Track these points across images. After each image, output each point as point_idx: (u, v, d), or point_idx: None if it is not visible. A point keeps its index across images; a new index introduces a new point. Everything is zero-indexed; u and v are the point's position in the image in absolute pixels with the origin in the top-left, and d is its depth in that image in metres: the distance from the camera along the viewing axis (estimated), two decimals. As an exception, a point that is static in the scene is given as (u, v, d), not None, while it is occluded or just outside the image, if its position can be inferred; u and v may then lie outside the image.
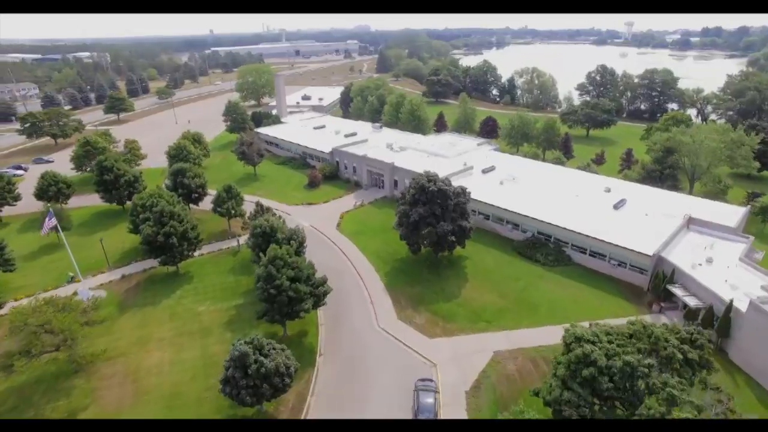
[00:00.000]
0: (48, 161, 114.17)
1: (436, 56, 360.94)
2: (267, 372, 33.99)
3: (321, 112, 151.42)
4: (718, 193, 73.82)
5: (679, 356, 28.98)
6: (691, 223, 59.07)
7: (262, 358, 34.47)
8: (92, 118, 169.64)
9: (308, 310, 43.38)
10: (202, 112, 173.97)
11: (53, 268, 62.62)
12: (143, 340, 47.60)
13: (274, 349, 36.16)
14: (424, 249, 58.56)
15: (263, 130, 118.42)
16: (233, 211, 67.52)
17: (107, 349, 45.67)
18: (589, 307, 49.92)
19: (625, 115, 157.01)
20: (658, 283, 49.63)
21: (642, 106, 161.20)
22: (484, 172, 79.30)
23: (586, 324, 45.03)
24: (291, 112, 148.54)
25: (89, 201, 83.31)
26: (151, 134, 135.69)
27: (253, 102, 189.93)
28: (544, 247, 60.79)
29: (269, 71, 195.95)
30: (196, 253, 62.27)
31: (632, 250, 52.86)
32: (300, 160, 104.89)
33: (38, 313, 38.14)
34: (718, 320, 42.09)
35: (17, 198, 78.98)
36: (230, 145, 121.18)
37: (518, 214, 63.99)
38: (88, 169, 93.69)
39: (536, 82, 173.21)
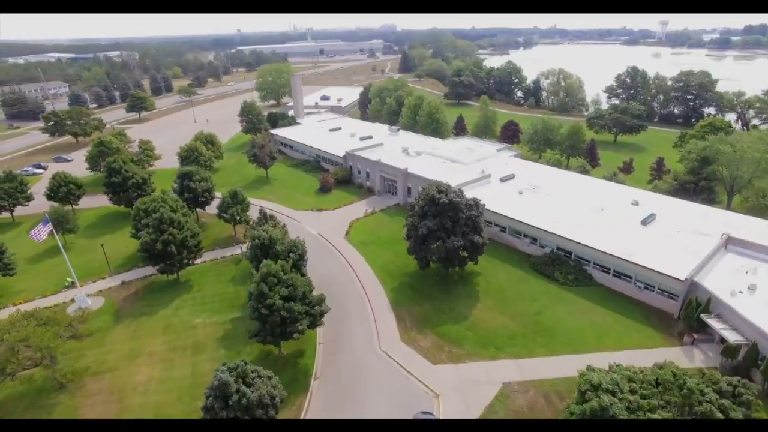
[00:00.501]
0: (67, 160, 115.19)
1: (460, 56, 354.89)
2: (249, 403, 31.19)
3: (339, 114, 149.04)
4: (762, 209, 67.61)
5: (719, 414, 24.62)
6: (730, 243, 53.48)
7: (245, 388, 31.68)
8: (115, 116, 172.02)
9: (303, 331, 40.47)
10: (222, 112, 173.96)
11: (56, 272, 61.67)
12: (134, 354, 45.63)
13: (259, 377, 33.36)
14: (434, 264, 54.95)
15: (278, 132, 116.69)
16: (238, 218, 65.37)
17: (96, 362, 44.08)
18: (611, 335, 45.44)
19: (656, 120, 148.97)
20: (691, 311, 44.67)
21: (675, 110, 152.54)
22: (503, 180, 74.99)
23: (606, 355, 41.29)
24: (309, 113, 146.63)
25: (100, 202, 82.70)
26: (168, 133, 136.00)
27: (272, 102, 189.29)
28: (564, 265, 56.33)
29: (289, 71, 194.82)
30: (198, 260, 60.44)
31: (661, 273, 47.98)
32: (314, 163, 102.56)
33: (17, 327, 36.40)
34: (765, 361, 37.11)
35: (29, 198, 79.04)
36: (245, 146, 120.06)
37: (537, 228, 59.61)
38: (101, 169, 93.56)
39: (562, 84, 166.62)
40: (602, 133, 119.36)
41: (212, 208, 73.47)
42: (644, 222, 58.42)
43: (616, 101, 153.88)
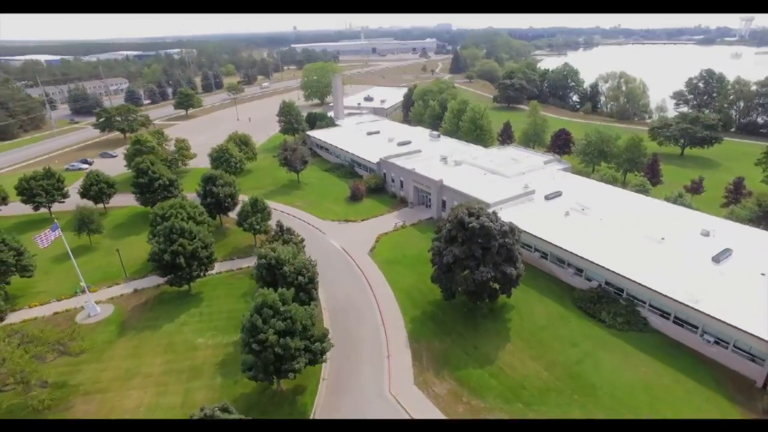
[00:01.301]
0: (112, 156, 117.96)
1: (515, 57, 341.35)
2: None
3: (380, 116, 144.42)
4: None
5: None
6: (827, 292, 43.78)
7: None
8: (164, 112, 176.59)
9: (300, 370, 35.89)
10: (266, 110, 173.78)
11: (76, 273, 60.96)
12: (129, 374, 42.97)
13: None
14: (460, 295, 48.81)
15: (314, 133, 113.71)
16: (257, 227, 62.12)
17: (90, 380, 41.86)
18: (667, 400, 37.62)
19: (734, 130, 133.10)
20: (776, 380, 36.12)
21: (759, 120, 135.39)
22: (548, 198, 67.26)
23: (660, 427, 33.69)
24: (350, 114, 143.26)
25: (131, 201, 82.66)
26: (209, 131, 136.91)
27: (316, 101, 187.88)
28: (613, 304, 48.48)
29: (334, 70, 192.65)
30: (214, 271, 57.71)
31: (738, 328, 39.40)
32: (348, 167, 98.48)
33: (-4, 347, 34.30)
34: None
35: (66, 195, 79.99)
36: (278, 148, 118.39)
37: (583, 258, 51.91)
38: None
39: (623, 88, 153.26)
40: (667, 145, 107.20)
41: (236, 214, 70.98)
42: (716, 259, 49.27)
43: (685, 109, 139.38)
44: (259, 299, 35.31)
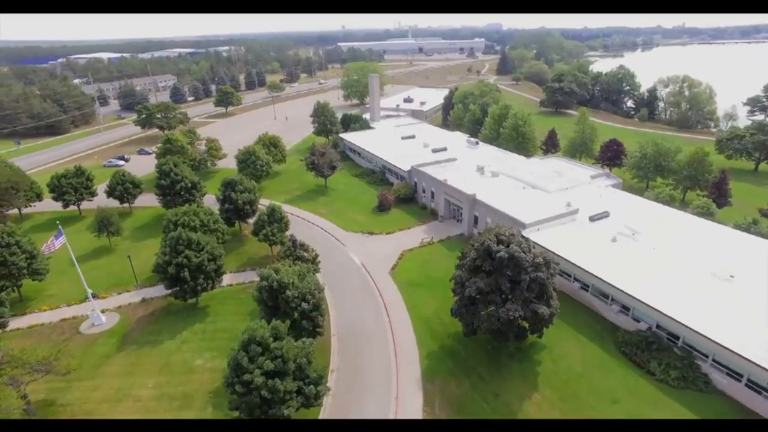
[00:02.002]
0: (149, 152, 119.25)
1: (566, 59, 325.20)
2: None
3: (419, 119, 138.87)
4: None
5: None
6: None
7: None
8: (205, 110, 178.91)
9: (289, 415, 31.65)
10: (305, 109, 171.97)
11: (89, 277, 59.71)
12: (119, 396, 40.35)
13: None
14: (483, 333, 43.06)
15: (347, 136, 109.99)
16: (273, 238, 58.75)
17: (79, 400, 39.60)
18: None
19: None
20: None
21: None
22: (593, 219, 59.89)
23: None
24: (387, 116, 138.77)
25: (156, 201, 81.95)
26: (246, 130, 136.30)
27: (356, 101, 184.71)
28: (666, 353, 41.26)
29: (374, 70, 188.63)
30: (225, 282, 54.84)
31: (829, 404, 31.64)
32: (379, 174, 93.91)
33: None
34: None
35: (94, 194, 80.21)
36: (307, 152, 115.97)
37: (630, 295, 44.79)
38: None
39: (686, 93, 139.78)
40: (737, 159, 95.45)
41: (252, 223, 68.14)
42: (800, 307, 40.96)
43: (761, 117, 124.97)
44: (245, 335, 31.36)
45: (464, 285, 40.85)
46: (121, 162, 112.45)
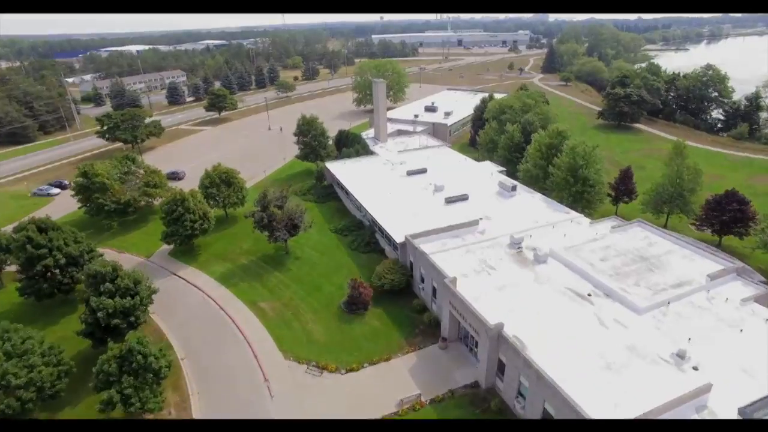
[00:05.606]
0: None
1: (622, 53, 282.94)
2: None
3: (440, 137, 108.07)
4: None
5: None
6: None
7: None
8: (195, 114, 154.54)
9: None
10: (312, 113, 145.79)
11: None
12: None
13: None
14: None
15: (333, 166, 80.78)
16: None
17: None
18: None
19: None
20: None
21: None
22: (746, 410, 28.93)
23: None
24: (399, 132, 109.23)
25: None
26: (228, 144, 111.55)
27: (370, 107, 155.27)
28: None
29: (394, 68, 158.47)
30: None
31: None
32: (368, 231, 64.66)
33: None
34: None
35: None
36: (298, 177, 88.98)
37: None
38: (88, 205, 69.22)
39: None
40: None
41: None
42: None
43: None
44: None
45: None
46: (55, 190, 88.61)
